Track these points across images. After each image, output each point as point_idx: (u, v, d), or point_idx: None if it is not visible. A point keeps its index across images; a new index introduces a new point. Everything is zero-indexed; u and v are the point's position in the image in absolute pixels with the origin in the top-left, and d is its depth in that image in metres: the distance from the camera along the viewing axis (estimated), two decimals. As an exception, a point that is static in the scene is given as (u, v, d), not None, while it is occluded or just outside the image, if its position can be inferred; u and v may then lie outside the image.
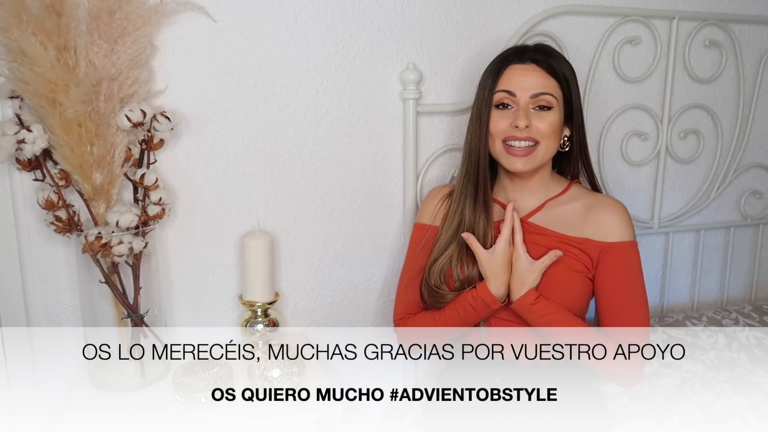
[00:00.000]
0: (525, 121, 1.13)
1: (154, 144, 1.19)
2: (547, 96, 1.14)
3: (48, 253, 1.24)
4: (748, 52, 1.68)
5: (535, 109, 1.15)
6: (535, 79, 1.14)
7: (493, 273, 1.14)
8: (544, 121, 1.14)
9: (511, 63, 1.17)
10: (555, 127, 1.15)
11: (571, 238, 1.17)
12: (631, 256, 1.16)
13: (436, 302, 1.20)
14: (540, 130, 1.14)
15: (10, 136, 1.06)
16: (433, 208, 1.29)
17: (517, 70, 1.16)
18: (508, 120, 1.15)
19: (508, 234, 1.15)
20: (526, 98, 1.14)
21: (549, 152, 1.17)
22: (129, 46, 1.13)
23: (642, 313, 1.16)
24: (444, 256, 1.20)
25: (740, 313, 1.62)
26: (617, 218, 1.16)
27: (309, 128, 1.36)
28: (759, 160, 1.77)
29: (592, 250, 1.16)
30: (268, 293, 1.30)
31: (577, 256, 1.16)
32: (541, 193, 1.22)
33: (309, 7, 1.31)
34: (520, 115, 1.14)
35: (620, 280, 1.15)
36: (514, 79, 1.15)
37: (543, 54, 1.16)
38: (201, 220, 1.33)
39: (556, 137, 1.17)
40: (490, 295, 1.14)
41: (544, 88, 1.14)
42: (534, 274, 1.13)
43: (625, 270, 1.15)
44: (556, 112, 1.15)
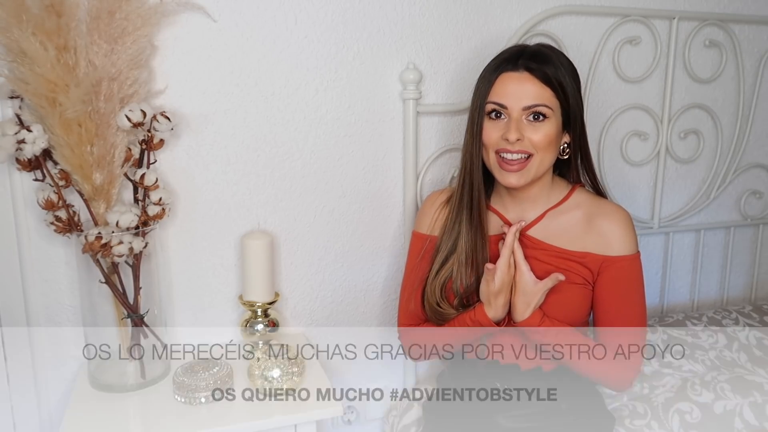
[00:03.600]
0: (516, 134, 1.08)
1: (154, 144, 1.19)
2: (541, 107, 1.09)
3: (48, 253, 1.24)
4: (748, 52, 1.68)
5: (528, 120, 1.10)
6: (528, 89, 1.09)
7: (488, 298, 1.13)
8: (538, 132, 1.09)
9: (505, 70, 1.11)
10: (551, 138, 1.10)
11: (571, 252, 1.14)
12: (633, 270, 1.14)
13: (437, 319, 1.20)
14: (533, 142, 1.09)
15: (10, 136, 1.06)
16: (431, 216, 1.27)
17: (509, 78, 1.10)
18: (500, 131, 1.11)
19: (508, 256, 1.12)
20: (518, 110, 1.09)
21: (544, 164, 1.13)
22: (129, 46, 1.13)
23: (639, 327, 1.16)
24: (444, 269, 1.19)
25: (740, 313, 1.62)
26: (620, 230, 1.13)
27: (309, 128, 1.36)
28: (759, 160, 1.77)
29: (593, 263, 1.14)
30: (268, 293, 1.30)
31: (578, 271, 1.14)
32: (541, 202, 1.19)
33: (309, 7, 1.31)
34: (512, 127, 1.09)
35: (621, 295, 1.14)
36: (506, 89, 1.10)
37: (537, 61, 1.10)
38: (201, 220, 1.33)
39: (552, 148, 1.12)
40: (487, 319, 1.13)
41: (538, 99, 1.09)
42: (539, 294, 1.11)
43: (627, 284, 1.14)
44: (551, 122, 1.10)
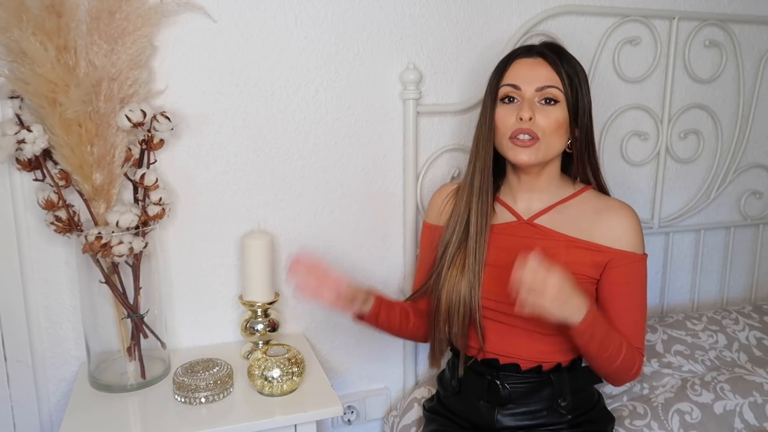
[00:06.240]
0: (529, 113, 1.10)
1: (154, 144, 1.19)
2: (553, 89, 1.12)
3: (48, 253, 1.24)
4: (748, 52, 1.68)
5: (540, 103, 1.13)
6: (541, 72, 1.12)
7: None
8: (548, 116, 1.12)
9: (519, 57, 1.16)
10: (559, 123, 1.12)
11: (581, 240, 1.15)
12: (642, 271, 1.15)
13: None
14: (542, 126, 1.11)
15: (10, 136, 1.06)
16: (438, 206, 1.29)
17: (523, 63, 1.14)
18: (514, 114, 1.13)
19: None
20: (531, 91, 1.12)
21: (552, 149, 1.14)
22: (129, 46, 1.13)
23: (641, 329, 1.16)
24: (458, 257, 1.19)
25: (740, 313, 1.62)
26: (630, 227, 1.14)
27: (309, 128, 1.36)
28: (759, 160, 1.77)
29: (601, 255, 1.14)
30: (268, 293, 1.30)
31: (584, 260, 1.14)
32: (549, 194, 1.20)
33: (309, 7, 1.31)
34: (524, 106, 1.11)
35: (629, 293, 1.14)
36: (520, 72, 1.14)
37: (551, 50, 1.15)
38: (201, 220, 1.33)
39: (560, 134, 1.14)
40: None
41: (550, 81, 1.12)
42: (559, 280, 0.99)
43: (635, 284, 1.15)
44: (561, 108, 1.13)
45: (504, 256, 1.16)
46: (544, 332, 1.15)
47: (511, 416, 1.17)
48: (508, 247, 1.17)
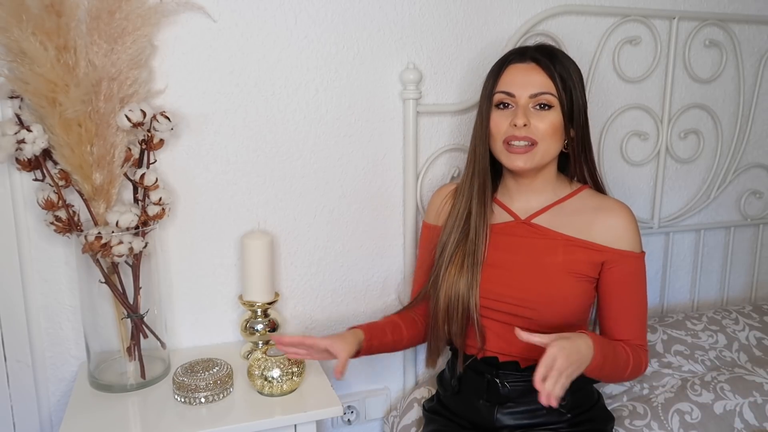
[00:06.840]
0: (523, 120, 1.12)
1: (154, 144, 1.19)
2: (547, 95, 1.13)
3: (48, 253, 1.24)
4: (748, 52, 1.68)
5: (535, 108, 1.14)
6: (534, 78, 1.13)
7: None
8: (544, 120, 1.13)
9: (512, 62, 1.16)
10: (555, 127, 1.14)
11: (578, 240, 1.15)
12: (641, 270, 1.16)
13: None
14: (539, 130, 1.13)
15: (10, 136, 1.06)
16: (437, 207, 1.30)
17: (517, 69, 1.15)
18: (508, 119, 1.14)
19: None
20: (525, 97, 1.13)
21: (549, 153, 1.15)
22: (129, 46, 1.13)
23: (642, 326, 1.17)
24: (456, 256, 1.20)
25: (740, 313, 1.62)
26: (626, 225, 1.15)
27: (309, 128, 1.36)
28: (759, 160, 1.77)
29: (599, 254, 1.14)
30: (268, 293, 1.30)
31: (582, 259, 1.15)
32: (546, 194, 1.21)
33: (309, 7, 1.31)
34: (519, 113, 1.13)
35: (630, 291, 1.15)
36: (513, 79, 1.14)
37: (544, 54, 1.15)
38: (201, 220, 1.33)
39: (556, 138, 1.15)
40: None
41: (544, 87, 1.13)
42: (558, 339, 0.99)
43: (635, 282, 1.16)
44: (556, 112, 1.14)
45: (502, 255, 1.18)
46: (543, 330, 1.14)
47: (511, 415, 1.17)
48: (506, 246, 1.19)
